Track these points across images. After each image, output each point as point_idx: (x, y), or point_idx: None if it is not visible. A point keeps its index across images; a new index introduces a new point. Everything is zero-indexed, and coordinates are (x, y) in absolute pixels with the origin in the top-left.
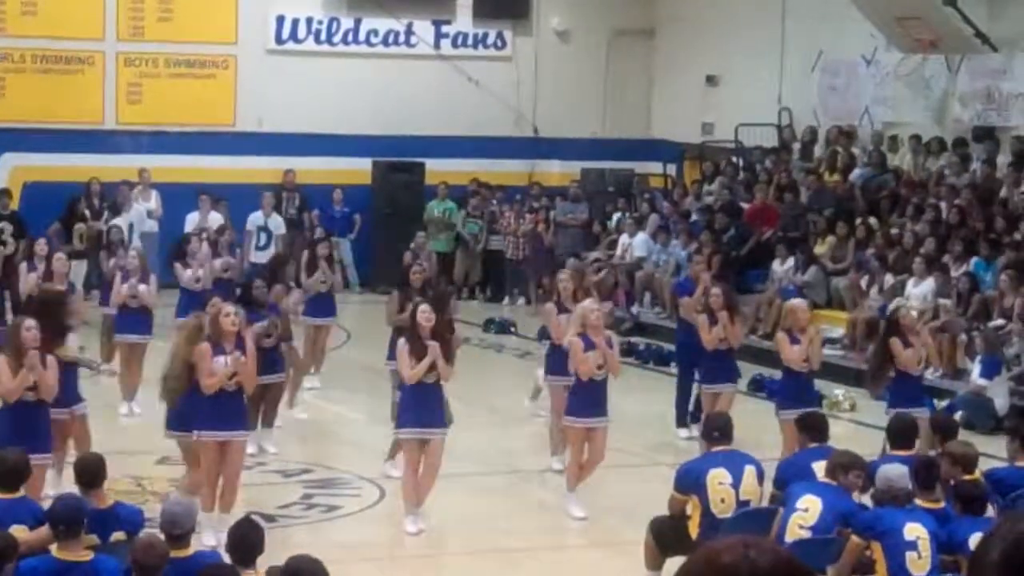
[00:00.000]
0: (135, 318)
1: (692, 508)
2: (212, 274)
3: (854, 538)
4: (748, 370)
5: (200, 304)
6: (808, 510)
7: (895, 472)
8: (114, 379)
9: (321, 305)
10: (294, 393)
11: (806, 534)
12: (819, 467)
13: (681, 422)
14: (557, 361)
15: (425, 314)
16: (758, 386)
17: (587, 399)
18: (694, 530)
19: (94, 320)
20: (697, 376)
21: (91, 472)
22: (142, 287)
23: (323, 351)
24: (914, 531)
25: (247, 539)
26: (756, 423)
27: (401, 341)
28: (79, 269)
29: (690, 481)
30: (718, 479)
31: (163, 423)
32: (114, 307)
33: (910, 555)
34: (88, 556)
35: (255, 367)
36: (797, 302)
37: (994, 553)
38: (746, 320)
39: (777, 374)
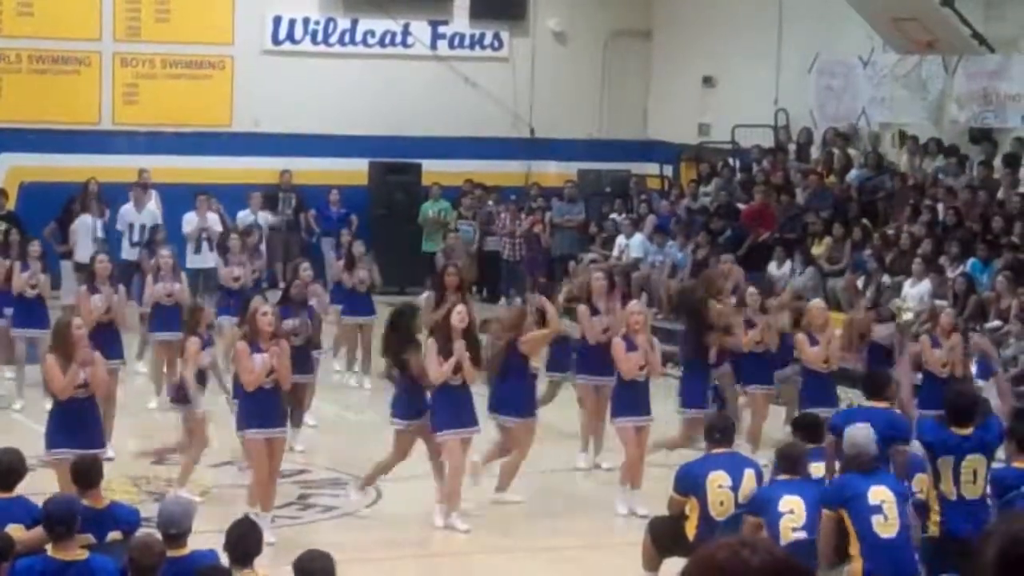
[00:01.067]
0: (172, 316)
1: (690, 509)
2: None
3: (825, 512)
4: None
5: (240, 302)
6: (794, 511)
7: (862, 436)
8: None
9: (360, 303)
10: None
11: (802, 535)
12: (816, 468)
13: None
14: (589, 361)
15: (460, 315)
16: None
17: (632, 399)
18: (691, 531)
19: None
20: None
21: (87, 473)
22: (176, 286)
23: (368, 350)
24: (879, 495)
25: (245, 539)
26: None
27: (430, 341)
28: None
29: (689, 482)
30: (718, 482)
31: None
32: (147, 306)
33: (876, 519)
34: (84, 555)
35: (289, 363)
36: (815, 302)
37: (991, 551)
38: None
39: None
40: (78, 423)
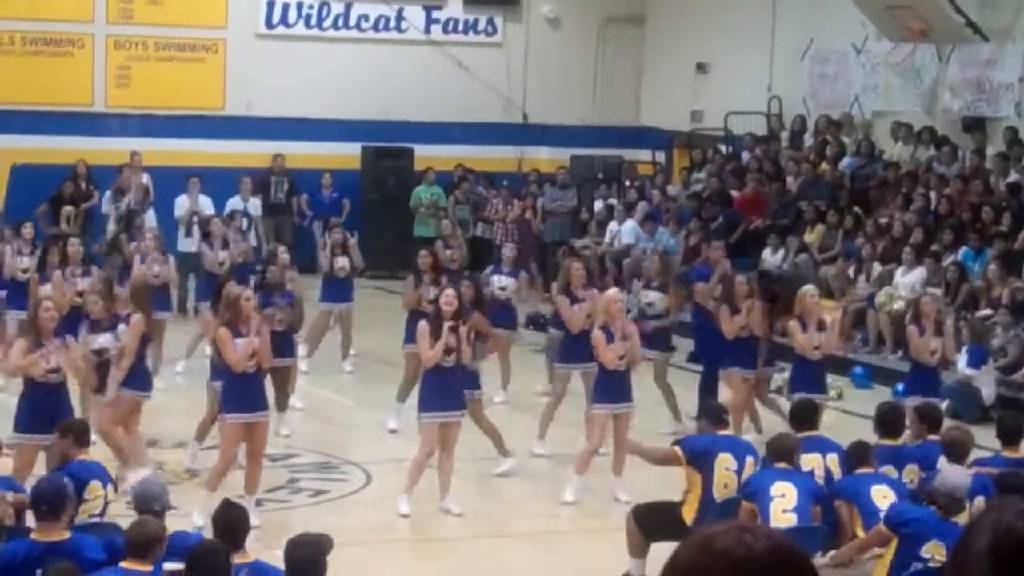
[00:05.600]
0: (158, 296)
1: (691, 490)
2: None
3: (836, 503)
4: None
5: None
6: (785, 495)
7: (960, 480)
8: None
9: (337, 290)
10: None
11: (792, 516)
12: (807, 459)
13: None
14: (567, 350)
15: (447, 299)
16: None
17: (612, 387)
18: (690, 514)
19: None
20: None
21: None
22: (156, 268)
23: (348, 335)
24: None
25: (232, 521)
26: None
27: (422, 323)
28: None
29: (697, 454)
30: (725, 463)
31: None
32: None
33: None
34: (66, 535)
35: (270, 346)
36: (806, 288)
37: (982, 542)
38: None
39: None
40: (47, 409)
